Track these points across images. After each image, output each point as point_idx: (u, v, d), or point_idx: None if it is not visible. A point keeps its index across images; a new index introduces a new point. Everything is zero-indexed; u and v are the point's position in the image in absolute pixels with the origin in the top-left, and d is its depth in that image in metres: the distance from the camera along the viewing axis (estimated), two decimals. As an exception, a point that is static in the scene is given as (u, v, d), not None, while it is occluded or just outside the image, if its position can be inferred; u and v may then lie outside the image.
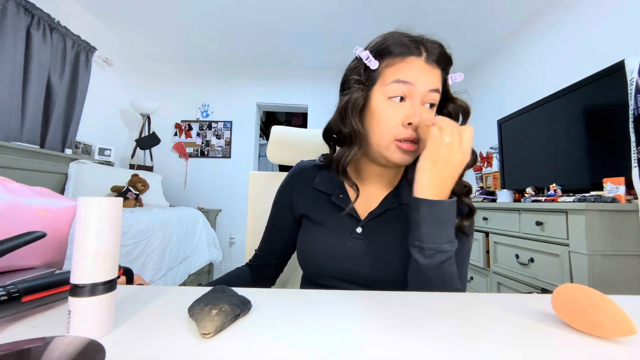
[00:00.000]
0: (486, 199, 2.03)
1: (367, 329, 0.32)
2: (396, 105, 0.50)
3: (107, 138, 2.74)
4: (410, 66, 0.50)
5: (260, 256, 0.69)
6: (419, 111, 0.50)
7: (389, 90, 0.50)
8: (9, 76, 1.81)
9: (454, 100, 0.57)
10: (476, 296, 0.44)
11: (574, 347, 0.29)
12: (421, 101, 0.51)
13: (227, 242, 3.24)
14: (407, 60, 0.50)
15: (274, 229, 0.67)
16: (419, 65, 0.50)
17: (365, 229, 0.56)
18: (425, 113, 0.51)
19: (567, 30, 2.01)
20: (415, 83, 0.49)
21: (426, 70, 0.50)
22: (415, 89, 0.50)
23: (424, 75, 0.50)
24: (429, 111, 0.52)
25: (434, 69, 0.51)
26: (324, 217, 0.60)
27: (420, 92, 0.50)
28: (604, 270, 1.20)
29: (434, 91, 0.51)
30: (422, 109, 0.51)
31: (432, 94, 0.51)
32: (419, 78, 0.49)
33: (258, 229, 0.86)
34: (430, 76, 0.50)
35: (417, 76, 0.49)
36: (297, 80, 3.38)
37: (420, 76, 0.50)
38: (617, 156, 1.38)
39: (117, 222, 0.31)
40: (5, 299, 0.29)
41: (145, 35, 2.81)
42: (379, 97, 0.52)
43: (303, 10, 2.38)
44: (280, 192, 0.68)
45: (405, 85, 0.49)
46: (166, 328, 0.31)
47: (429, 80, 0.50)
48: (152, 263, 1.72)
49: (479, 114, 3.02)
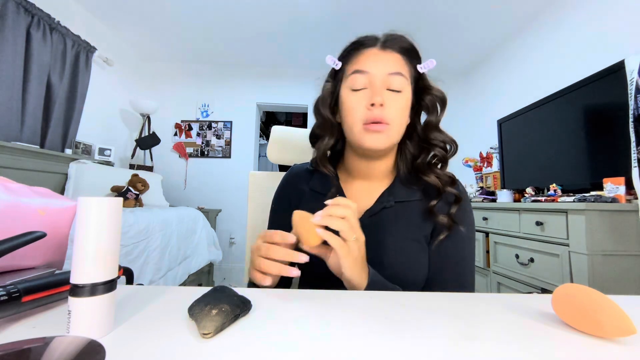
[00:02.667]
0: (486, 199, 2.03)
1: (367, 329, 0.31)
2: (360, 93, 0.53)
3: (107, 138, 2.74)
4: (366, 56, 0.54)
5: None
6: (379, 91, 0.52)
7: (350, 82, 0.54)
8: (9, 76, 1.81)
9: (429, 90, 0.57)
10: (476, 296, 0.44)
11: (574, 347, 0.29)
12: (384, 86, 0.53)
13: (227, 242, 3.24)
14: (363, 52, 0.55)
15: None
16: (374, 52, 0.54)
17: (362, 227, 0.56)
18: (388, 99, 0.52)
19: (567, 30, 2.01)
20: (371, 70, 0.53)
21: (381, 55, 0.54)
22: (373, 76, 0.53)
23: (379, 61, 0.53)
24: (394, 97, 0.53)
25: (391, 54, 0.54)
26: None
27: (379, 77, 0.52)
28: (604, 270, 1.20)
29: (395, 74, 0.52)
30: (387, 93, 0.52)
31: (393, 78, 0.52)
32: (374, 64, 0.53)
33: (258, 229, 0.86)
34: (386, 60, 0.53)
35: (373, 63, 0.53)
36: (297, 80, 3.38)
37: (375, 63, 0.53)
38: (617, 156, 1.38)
39: (117, 222, 0.31)
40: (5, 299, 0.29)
41: (145, 35, 2.81)
42: (345, 91, 0.56)
43: (303, 10, 2.38)
44: (278, 195, 0.68)
45: (362, 75, 0.53)
46: (166, 328, 0.31)
47: (386, 64, 0.53)
48: (152, 263, 1.72)
49: (479, 114, 3.02)
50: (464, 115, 3.22)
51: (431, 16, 2.38)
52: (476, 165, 2.62)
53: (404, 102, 0.54)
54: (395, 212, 0.57)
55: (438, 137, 0.57)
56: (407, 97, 0.55)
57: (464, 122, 3.20)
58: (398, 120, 0.54)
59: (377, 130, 0.52)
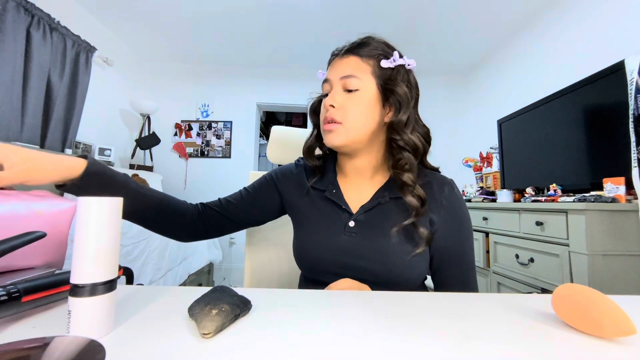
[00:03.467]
0: (486, 199, 2.03)
1: (367, 329, 0.31)
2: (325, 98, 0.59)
3: (107, 138, 2.74)
4: (331, 65, 0.61)
5: (222, 204, 0.64)
6: (332, 94, 0.57)
7: (322, 90, 0.62)
8: (9, 76, 1.81)
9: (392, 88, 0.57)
10: (476, 296, 0.44)
11: (574, 347, 0.29)
12: (340, 89, 0.57)
13: (227, 242, 3.24)
14: (331, 62, 0.61)
15: (252, 193, 0.67)
16: (335, 61, 0.60)
17: (358, 223, 0.57)
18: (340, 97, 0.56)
19: (567, 30, 2.01)
20: (330, 77, 0.59)
21: (338, 62, 0.59)
22: (331, 82, 0.58)
23: (336, 68, 0.59)
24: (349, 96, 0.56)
25: (347, 57, 0.58)
26: (318, 213, 0.62)
27: (335, 81, 0.58)
28: (604, 270, 1.20)
29: (346, 77, 0.57)
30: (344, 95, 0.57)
31: (345, 81, 0.57)
32: (332, 72, 0.59)
33: (258, 229, 0.86)
34: (340, 66, 0.58)
35: (332, 71, 0.59)
36: (297, 80, 3.38)
37: (333, 70, 0.59)
38: (617, 156, 1.38)
39: (117, 222, 0.31)
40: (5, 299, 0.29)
41: (145, 35, 2.81)
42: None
43: (303, 10, 2.38)
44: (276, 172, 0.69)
45: (326, 83, 0.60)
46: (166, 328, 0.31)
47: (340, 69, 0.58)
48: (152, 263, 1.72)
49: (479, 113, 3.02)
50: (464, 115, 3.22)
51: (430, 17, 2.38)
52: (476, 165, 2.62)
53: (360, 99, 0.56)
54: (390, 208, 0.58)
55: (399, 138, 0.56)
56: (365, 94, 0.56)
57: (464, 122, 3.20)
58: (353, 117, 0.56)
59: (329, 129, 0.57)
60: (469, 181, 2.68)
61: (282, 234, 0.87)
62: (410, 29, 2.54)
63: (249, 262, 0.86)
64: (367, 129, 0.57)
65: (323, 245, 0.58)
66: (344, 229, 0.58)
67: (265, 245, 0.87)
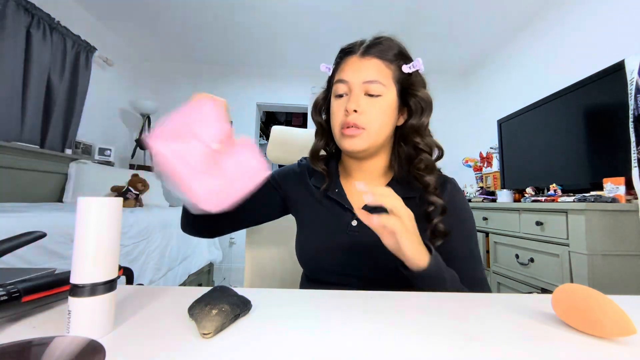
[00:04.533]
0: (486, 199, 2.04)
1: (367, 329, 0.32)
2: (341, 99, 0.57)
3: (107, 138, 2.73)
4: (348, 65, 0.58)
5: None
6: (355, 98, 0.55)
7: (334, 89, 0.59)
8: (9, 76, 1.81)
9: (414, 93, 0.58)
10: (476, 296, 0.44)
11: (574, 347, 0.29)
12: (361, 92, 0.56)
13: (227, 242, 3.24)
14: (346, 60, 0.58)
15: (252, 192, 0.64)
16: (353, 61, 0.57)
17: (360, 222, 0.57)
18: (363, 102, 0.55)
19: (567, 30, 2.01)
20: (349, 79, 0.56)
21: (360, 63, 0.57)
22: (352, 84, 0.56)
23: (357, 69, 0.56)
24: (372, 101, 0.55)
25: (370, 60, 0.56)
26: (321, 212, 0.62)
27: (356, 84, 0.56)
28: (604, 270, 1.20)
29: (370, 82, 0.55)
30: (365, 99, 0.55)
31: (369, 85, 0.55)
32: (353, 74, 0.56)
33: (258, 229, 0.86)
34: (363, 68, 0.56)
35: (352, 72, 0.56)
36: (297, 80, 3.38)
37: (354, 72, 0.56)
38: (617, 156, 1.38)
39: (117, 222, 0.31)
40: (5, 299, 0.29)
41: (145, 35, 2.81)
42: (332, 97, 0.60)
43: (303, 10, 2.38)
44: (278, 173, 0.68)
45: (343, 84, 0.57)
46: (166, 328, 0.31)
47: (363, 73, 0.56)
48: (152, 263, 1.72)
49: (479, 113, 3.02)
50: (464, 115, 3.22)
51: (431, 16, 2.38)
52: (476, 165, 2.62)
53: (384, 105, 0.56)
54: None
55: (421, 142, 0.58)
56: (387, 100, 0.56)
57: (464, 122, 3.20)
58: (376, 123, 0.55)
59: (352, 135, 0.55)
60: (469, 181, 2.68)
61: (282, 234, 0.87)
62: (410, 29, 2.54)
63: (249, 262, 0.86)
64: (385, 134, 0.58)
65: (325, 244, 0.58)
66: (346, 228, 0.58)
67: (265, 245, 0.87)
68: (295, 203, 0.66)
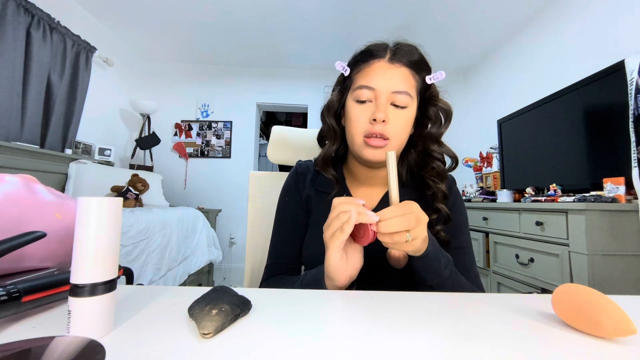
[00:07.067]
0: (486, 199, 2.03)
1: (367, 329, 0.31)
2: (364, 106, 0.54)
3: (107, 138, 2.74)
4: (373, 69, 0.54)
5: (282, 262, 0.63)
6: (383, 108, 0.52)
7: (356, 94, 0.54)
8: (9, 76, 1.81)
9: (435, 102, 0.57)
10: (476, 296, 0.44)
11: (574, 347, 0.29)
12: (388, 101, 0.53)
13: (227, 242, 3.24)
14: (371, 64, 0.54)
15: (292, 227, 0.64)
16: (381, 66, 0.54)
17: None
18: (390, 112, 0.53)
19: (567, 30, 2.01)
20: (376, 87, 0.53)
21: (388, 70, 0.53)
22: (378, 92, 0.53)
23: (385, 76, 0.53)
24: (398, 112, 0.53)
25: (399, 68, 0.54)
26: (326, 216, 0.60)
27: (384, 93, 0.52)
28: (604, 270, 1.20)
29: (399, 93, 0.52)
30: (391, 109, 0.53)
31: (396, 96, 0.52)
32: (380, 81, 0.53)
33: (258, 229, 0.86)
34: (392, 77, 0.53)
35: (380, 78, 0.53)
36: (297, 80, 3.38)
37: (381, 79, 0.53)
38: (617, 156, 1.38)
39: (117, 222, 0.31)
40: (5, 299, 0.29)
41: (145, 35, 2.81)
42: (350, 101, 0.56)
43: (303, 10, 2.38)
44: (287, 191, 0.66)
45: (368, 90, 0.53)
46: (166, 328, 0.31)
47: (392, 82, 0.53)
48: (152, 263, 1.72)
49: (479, 113, 3.02)
50: (464, 115, 3.22)
51: (430, 16, 2.38)
52: (476, 165, 2.62)
53: (408, 117, 0.55)
54: None
55: (437, 150, 0.58)
56: (411, 112, 0.55)
57: (464, 122, 3.20)
58: (400, 134, 0.54)
59: (377, 145, 0.53)
60: (469, 181, 2.68)
61: (282, 234, 0.86)
62: (410, 29, 2.54)
63: (249, 262, 0.86)
64: (404, 144, 0.57)
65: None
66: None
67: (266, 245, 0.87)
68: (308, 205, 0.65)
